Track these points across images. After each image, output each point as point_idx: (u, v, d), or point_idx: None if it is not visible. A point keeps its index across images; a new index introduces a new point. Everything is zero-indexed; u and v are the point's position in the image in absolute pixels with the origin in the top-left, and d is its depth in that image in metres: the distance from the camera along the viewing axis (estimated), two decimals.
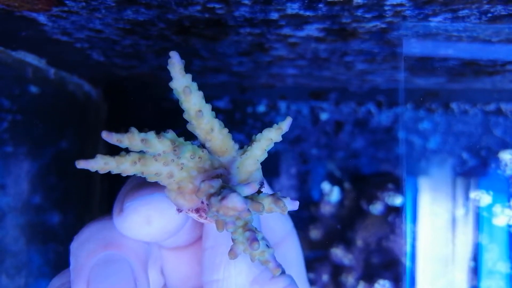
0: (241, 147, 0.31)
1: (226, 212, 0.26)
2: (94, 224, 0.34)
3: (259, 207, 0.27)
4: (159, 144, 0.28)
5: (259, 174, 0.31)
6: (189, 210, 0.30)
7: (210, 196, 0.28)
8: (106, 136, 0.27)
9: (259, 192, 0.30)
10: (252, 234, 0.27)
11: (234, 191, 0.27)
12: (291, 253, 0.39)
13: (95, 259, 0.31)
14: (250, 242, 0.27)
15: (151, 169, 0.29)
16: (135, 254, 0.32)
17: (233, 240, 0.28)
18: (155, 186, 0.31)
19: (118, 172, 0.28)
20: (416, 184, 0.66)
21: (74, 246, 0.33)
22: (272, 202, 0.28)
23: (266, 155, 0.31)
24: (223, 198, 0.26)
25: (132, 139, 0.28)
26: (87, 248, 0.32)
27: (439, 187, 0.66)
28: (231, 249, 0.28)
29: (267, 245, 0.29)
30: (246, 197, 0.28)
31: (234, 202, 0.26)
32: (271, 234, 0.37)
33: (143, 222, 0.31)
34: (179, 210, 0.30)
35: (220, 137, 0.30)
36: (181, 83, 0.29)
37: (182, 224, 0.32)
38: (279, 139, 0.31)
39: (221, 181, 0.29)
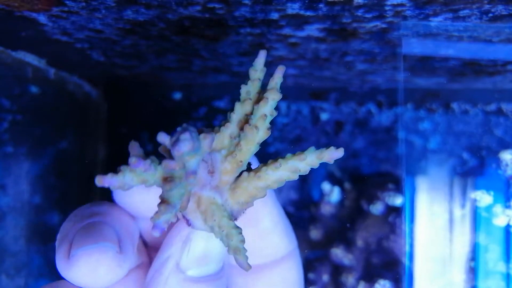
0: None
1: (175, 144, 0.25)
2: (82, 206, 0.34)
3: (207, 145, 0.27)
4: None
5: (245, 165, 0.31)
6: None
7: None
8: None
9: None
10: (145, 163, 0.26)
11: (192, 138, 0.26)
12: (292, 273, 0.37)
13: (79, 226, 0.30)
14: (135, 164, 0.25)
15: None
16: (121, 223, 0.32)
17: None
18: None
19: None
20: (416, 184, 0.66)
21: (61, 226, 0.32)
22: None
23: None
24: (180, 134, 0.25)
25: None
26: (73, 220, 0.31)
27: (439, 187, 0.66)
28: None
29: None
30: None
31: (184, 139, 0.25)
32: (274, 250, 0.36)
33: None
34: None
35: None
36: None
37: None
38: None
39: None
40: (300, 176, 0.30)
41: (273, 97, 0.29)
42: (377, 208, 0.70)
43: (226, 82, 0.74)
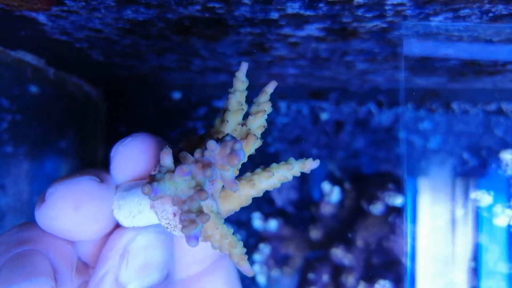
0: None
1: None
2: (7, 231, 0.30)
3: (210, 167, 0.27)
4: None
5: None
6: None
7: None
8: None
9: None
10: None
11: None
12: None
13: (7, 257, 0.27)
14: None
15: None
16: (55, 249, 0.29)
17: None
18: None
19: None
20: (416, 184, 0.66)
21: None
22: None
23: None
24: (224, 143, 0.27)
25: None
26: None
27: (439, 187, 0.65)
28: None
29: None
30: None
31: (230, 145, 0.27)
32: (213, 251, 0.35)
33: (71, 206, 0.28)
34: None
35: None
36: None
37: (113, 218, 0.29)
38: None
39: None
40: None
41: (268, 109, 0.31)
42: (377, 208, 0.70)
43: (225, 82, 0.74)
